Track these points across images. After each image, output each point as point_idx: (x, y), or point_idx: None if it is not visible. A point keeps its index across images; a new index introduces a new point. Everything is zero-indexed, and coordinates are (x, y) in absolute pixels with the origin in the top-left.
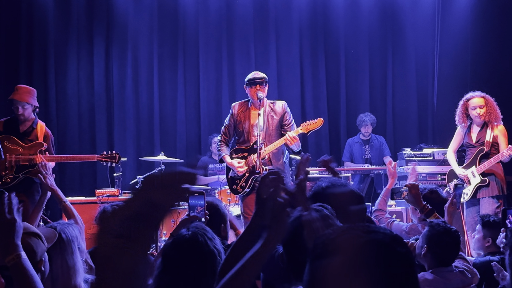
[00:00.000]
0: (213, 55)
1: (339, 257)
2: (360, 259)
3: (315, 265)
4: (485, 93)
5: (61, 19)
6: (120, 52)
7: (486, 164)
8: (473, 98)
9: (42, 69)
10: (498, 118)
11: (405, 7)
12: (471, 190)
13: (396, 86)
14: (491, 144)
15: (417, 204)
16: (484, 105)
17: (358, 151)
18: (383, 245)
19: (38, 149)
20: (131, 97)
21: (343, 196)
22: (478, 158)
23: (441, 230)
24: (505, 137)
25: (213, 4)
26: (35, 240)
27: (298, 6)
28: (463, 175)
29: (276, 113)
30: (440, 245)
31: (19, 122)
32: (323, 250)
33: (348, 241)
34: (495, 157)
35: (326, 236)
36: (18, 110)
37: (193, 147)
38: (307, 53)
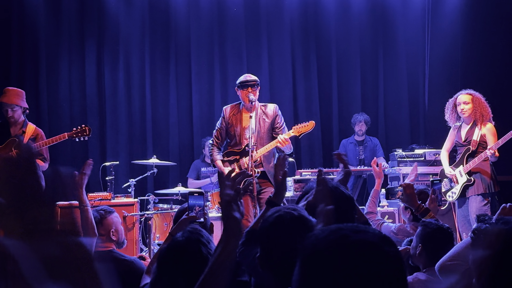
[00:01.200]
0: (205, 58)
1: (329, 257)
2: (348, 259)
3: (305, 265)
4: (475, 92)
5: (52, 23)
6: (112, 55)
7: (471, 164)
8: (460, 95)
9: (33, 73)
10: (486, 117)
11: (395, 9)
12: (459, 189)
13: (387, 87)
14: (478, 143)
15: (412, 204)
16: (469, 102)
17: (352, 152)
18: (371, 245)
19: (12, 146)
20: (123, 100)
21: (333, 197)
22: (465, 157)
23: (434, 228)
24: (494, 135)
25: (205, 7)
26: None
27: (289, 9)
28: (451, 175)
29: (267, 116)
30: (433, 242)
31: (10, 125)
32: (312, 251)
33: (337, 241)
34: (479, 156)
35: (315, 236)
36: (8, 113)
37: (185, 150)
38: (299, 56)
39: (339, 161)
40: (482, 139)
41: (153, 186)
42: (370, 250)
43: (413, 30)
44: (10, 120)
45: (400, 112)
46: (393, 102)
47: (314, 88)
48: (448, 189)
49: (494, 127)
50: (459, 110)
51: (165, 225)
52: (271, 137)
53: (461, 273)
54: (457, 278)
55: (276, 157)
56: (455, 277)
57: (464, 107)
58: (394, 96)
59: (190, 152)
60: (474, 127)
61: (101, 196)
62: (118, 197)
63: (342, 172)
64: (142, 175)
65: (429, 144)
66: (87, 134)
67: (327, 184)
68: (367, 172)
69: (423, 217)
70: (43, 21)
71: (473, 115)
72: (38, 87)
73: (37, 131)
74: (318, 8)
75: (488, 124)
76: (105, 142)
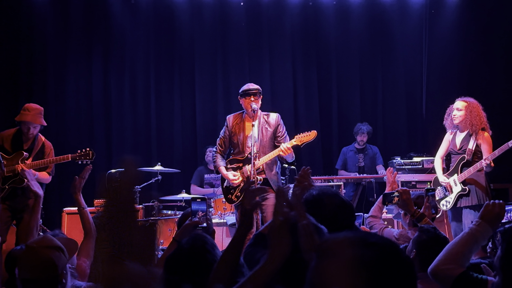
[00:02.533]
0: (208, 68)
1: (342, 258)
2: (363, 261)
3: (319, 265)
4: (473, 99)
5: (60, 34)
6: (118, 66)
7: (466, 173)
8: (456, 101)
9: (41, 82)
10: (477, 126)
11: (393, 21)
12: (453, 198)
13: (386, 97)
14: (474, 152)
15: (408, 209)
16: (461, 109)
17: (352, 160)
18: (386, 249)
19: (19, 159)
20: (129, 109)
21: (333, 204)
22: (460, 166)
23: (430, 236)
24: (489, 145)
25: (208, 19)
26: (56, 254)
27: (290, 21)
28: (445, 183)
29: (270, 125)
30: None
31: (24, 138)
32: (327, 251)
33: (354, 244)
34: (474, 166)
35: (331, 238)
36: (30, 130)
37: (189, 157)
38: (300, 66)
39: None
40: (477, 148)
41: (157, 192)
42: (385, 254)
43: (411, 41)
44: (28, 136)
45: (398, 121)
46: (391, 111)
47: (315, 98)
48: (442, 198)
49: (490, 137)
50: (452, 116)
51: (169, 230)
52: (273, 146)
53: (455, 277)
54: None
55: (278, 165)
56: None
57: (456, 113)
58: (392, 106)
59: (194, 159)
60: (469, 136)
61: None
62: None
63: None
64: (147, 182)
65: (426, 152)
66: (90, 158)
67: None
68: (366, 179)
69: (418, 222)
70: (51, 34)
71: (463, 123)
72: (46, 96)
73: (45, 144)
74: (318, 21)
75: (485, 134)
76: (111, 149)
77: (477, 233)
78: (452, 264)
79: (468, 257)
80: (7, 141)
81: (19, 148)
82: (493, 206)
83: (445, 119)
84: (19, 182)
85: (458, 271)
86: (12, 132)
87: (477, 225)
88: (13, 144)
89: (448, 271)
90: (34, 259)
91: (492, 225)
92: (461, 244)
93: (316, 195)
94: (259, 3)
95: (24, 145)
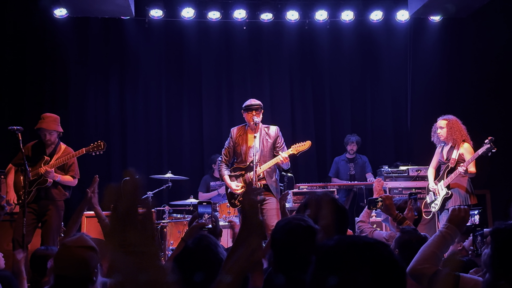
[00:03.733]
0: (214, 85)
1: (341, 255)
2: (358, 257)
3: (319, 274)
4: (452, 116)
5: (81, 54)
6: (132, 82)
7: (449, 179)
8: (438, 120)
9: (63, 97)
10: (459, 139)
11: (381, 41)
12: (440, 201)
13: (374, 111)
14: (457, 161)
15: (391, 213)
16: (444, 127)
17: (343, 168)
18: (377, 245)
19: (42, 162)
20: (142, 121)
21: (329, 206)
22: (445, 173)
23: (411, 236)
24: (470, 154)
25: (214, 41)
26: (90, 254)
27: (288, 42)
28: (433, 189)
29: (270, 137)
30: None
31: (46, 145)
32: (327, 262)
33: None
34: (454, 172)
35: (329, 246)
36: (46, 137)
37: (196, 165)
38: (296, 83)
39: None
40: (460, 157)
41: (168, 197)
42: (376, 250)
43: (396, 59)
44: (47, 143)
45: (386, 132)
46: (379, 125)
47: (310, 111)
48: (432, 201)
49: (471, 147)
50: (437, 134)
51: (178, 232)
52: (272, 155)
53: (430, 275)
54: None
55: (277, 172)
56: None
57: (440, 131)
58: (380, 119)
59: (201, 167)
60: (454, 147)
61: None
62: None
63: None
64: (159, 188)
65: (411, 161)
66: (102, 148)
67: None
68: (357, 186)
69: (400, 224)
70: (72, 53)
71: (447, 138)
72: (67, 109)
73: (66, 150)
74: (313, 42)
75: (465, 144)
76: (126, 158)
77: (446, 235)
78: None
79: (440, 257)
80: (30, 151)
81: (42, 154)
82: (459, 211)
83: (432, 136)
84: (42, 183)
85: (433, 270)
86: (34, 142)
87: (446, 228)
88: (35, 152)
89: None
90: (69, 257)
91: (458, 227)
92: (433, 245)
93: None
94: (260, 26)
95: (46, 151)
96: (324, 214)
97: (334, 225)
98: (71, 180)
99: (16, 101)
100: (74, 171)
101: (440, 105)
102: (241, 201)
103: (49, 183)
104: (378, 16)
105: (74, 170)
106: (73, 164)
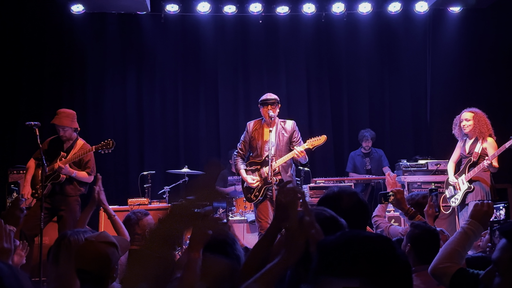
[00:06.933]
0: (230, 79)
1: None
2: (360, 251)
3: (320, 269)
4: (478, 109)
5: (98, 50)
6: (149, 79)
7: (471, 173)
8: (464, 112)
9: (81, 94)
10: (485, 133)
11: (399, 33)
12: (461, 195)
13: (392, 104)
14: (480, 155)
15: (402, 207)
16: (470, 119)
17: (360, 163)
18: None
19: (58, 158)
20: (159, 118)
21: (351, 201)
22: (467, 167)
23: (421, 230)
24: (494, 148)
25: (230, 35)
26: (111, 249)
27: (304, 35)
28: (454, 182)
29: (286, 131)
30: (421, 243)
31: (63, 141)
32: (327, 258)
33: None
34: (478, 166)
35: (329, 241)
36: (60, 132)
37: None
38: (313, 76)
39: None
40: (483, 151)
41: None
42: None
43: (415, 51)
44: (62, 138)
45: (405, 126)
46: (398, 118)
47: (327, 105)
48: (452, 195)
49: (494, 141)
50: (461, 126)
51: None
52: (288, 150)
53: (452, 275)
54: None
55: (293, 167)
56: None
57: (465, 123)
58: (399, 112)
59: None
60: (477, 141)
61: (139, 201)
62: (154, 202)
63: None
64: (175, 183)
65: (431, 155)
66: (111, 147)
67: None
68: (374, 180)
69: (411, 219)
70: (90, 50)
71: (473, 131)
72: (85, 106)
73: (84, 146)
74: (330, 34)
75: (489, 139)
76: (143, 154)
77: (469, 231)
78: (448, 262)
79: (463, 255)
80: (48, 145)
81: (58, 148)
82: (481, 205)
83: (453, 128)
84: (56, 178)
85: (455, 268)
86: (52, 138)
87: (468, 224)
88: (53, 147)
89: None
90: (91, 252)
91: (482, 223)
92: (455, 243)
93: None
94: (276, 19)
95: (64, 146)
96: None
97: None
98: (86, 177)
99: (35, 97)
100: (90, 167)
101: (460, 98)
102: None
103: (62, 179)
104: (397, 7)
105: (90, 166)
106: (89, 160)
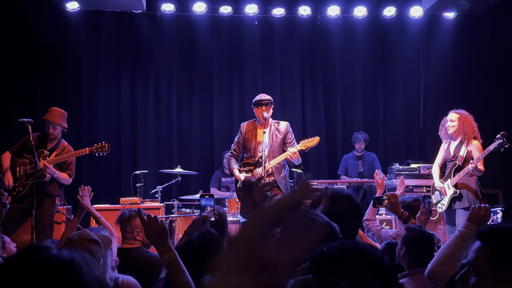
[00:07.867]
0: (224, 80)
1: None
2: (350, 261)
3: (314, 265)
4: (465, 111)
5: (93, 48)
6: (143, 78)
7: (457, 177)
8: (450, 113)
9: (75, 92)
10: (469, 135)
11: (393, 37)
12: (447, 201)
13: (386, 108)
14: (465, 158)
15: (396, 211)
16: (454, 120)
17: (352, 166)
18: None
19: (41, 156)
20: (153, 117)
21: (345, 204)
22: (452, 171)
23: (416, 233)
24: (479, 152)
25: (225, 36)
26: (94, 246)
27: (300, 38)
28: (440, 187)
29: (280, 132)
30: (415, 246)
31: (48, 140)
32: (317, 268)
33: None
34: (463, 170)
35: (319, 252)
36: (49, 129)
37: (206, 161)
38: (308, 78)
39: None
40: (468, 155)
41: (177, 192)
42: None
43: (409, 56)
44: (49, 136)
45: (397, 130)
46: (391, 122)
47: (321, 109)
48: (438, 201)
49: (480, 144)
50: (446, 127)
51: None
52: (282, 151)
53: (448, 278)
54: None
55: (286, 168)
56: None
57: (450, 124)
58: (392, 117)
59: (211, 162)
60: (462, 144)
61: (131, 201)
62: (147, 201)
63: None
64: (168, 182)
65: (423, 159)
66: (106, 150)
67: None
68: (367, 183)
69: (405, 223)
70: (85, 48)
71: (457, 132)
72: (79, 104)
73: (68, 148)
74: (325, 37)
75: (474, 141)
76: (136, 153)
77: (465, 235)
78: (445, 266)
79: (460, 258)
80: (33, 141)
81: (42, 148)
82: (479, 209)
83: (439, 130)
84: (41, 177)
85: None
86: (38, 134)
87: (465, 227)
88: (37, 144)
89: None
90: (74, 249)
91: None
92: (452, 246)
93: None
94: (272, 21)
95: (47, 145)
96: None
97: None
98: (67, 178)
99: (28, 95)
100: (71, 170)
101: (454, 103)
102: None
103: (47, 178)
104: (392, 12)
105: (72, 169)
106: (72, 163)
